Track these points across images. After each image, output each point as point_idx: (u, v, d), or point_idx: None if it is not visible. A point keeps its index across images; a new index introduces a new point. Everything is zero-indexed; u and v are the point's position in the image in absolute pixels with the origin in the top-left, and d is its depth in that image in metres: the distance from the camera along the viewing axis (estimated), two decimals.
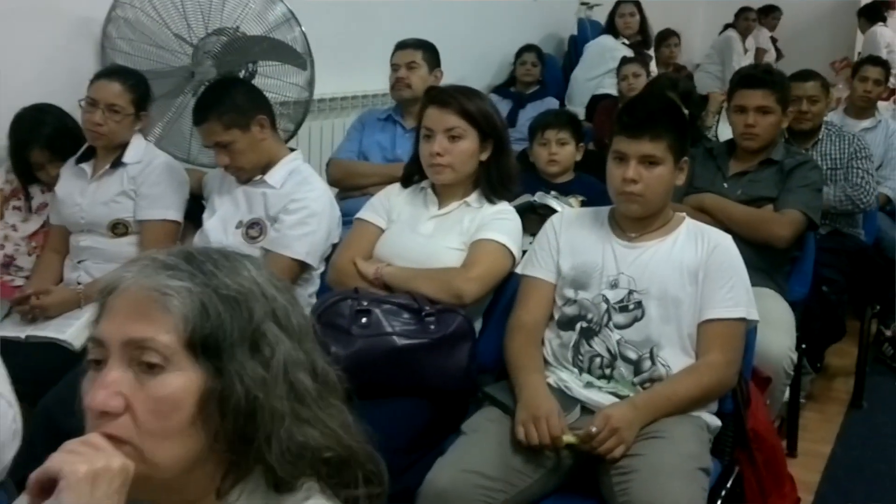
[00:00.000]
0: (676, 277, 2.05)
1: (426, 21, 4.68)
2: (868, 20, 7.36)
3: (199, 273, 0.95)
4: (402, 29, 3.63)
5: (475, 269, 2.19)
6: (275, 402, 0.93)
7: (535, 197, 3.03)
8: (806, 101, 3.64)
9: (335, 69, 3.82)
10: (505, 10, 5.61)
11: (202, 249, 1.00)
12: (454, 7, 5.04)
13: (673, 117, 2.11)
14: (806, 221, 2.87)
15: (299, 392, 0.96)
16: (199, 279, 0.94)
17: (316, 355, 1.01)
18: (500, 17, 5.55)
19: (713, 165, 3.08)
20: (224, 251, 1.01)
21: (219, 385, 0.92)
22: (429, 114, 2.31)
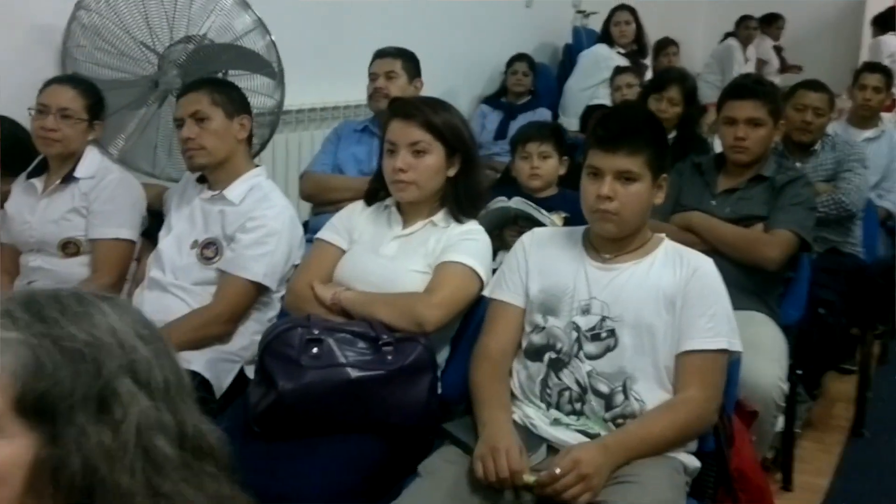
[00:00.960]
0: (652, 304, 1.89)
1: (411, 28, 4.55)
2: (880, 28, 7.18)
3: (38, 321, 0.80)
4: (384, 37, 3.49)
5: (438, 295, 2.04)
6: (120, 475, 0.79)
7: (511, 202, 2.88)
8: (811, 111, 3.50)
9: (312, 78, 3.70)
10: (497, 18, 5.48)
11: (51, 292, 0.85)
12: (443, 14, 4.91)
13: (651, 130, 1.95)
14: (798, 242, 2.71)
15: (157, 461, 0.82)
16: (37, 328, 0.80)
17: (187, 415, 0.86)
18: (491, 25, 5.42)
19: (701, 181, 2.93)
20: (79, 294, 0.86)
21: (53, 455, 0.77)
22: (392, 127, 2.17)
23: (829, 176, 3.48)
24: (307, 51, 3.77)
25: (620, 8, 5.63)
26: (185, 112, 2.36)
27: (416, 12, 4.67)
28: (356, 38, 3.99)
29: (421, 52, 4.66)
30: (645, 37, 5.72)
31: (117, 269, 2.45)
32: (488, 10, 5.36)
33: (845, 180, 3.39)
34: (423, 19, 4.73)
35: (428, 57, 4.75)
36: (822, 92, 3.58)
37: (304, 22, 3.77)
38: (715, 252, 2.72)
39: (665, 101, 3.81)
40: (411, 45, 4.49)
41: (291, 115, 3.70)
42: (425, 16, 4.75)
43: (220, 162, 2.37)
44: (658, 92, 3.84)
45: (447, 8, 4.93)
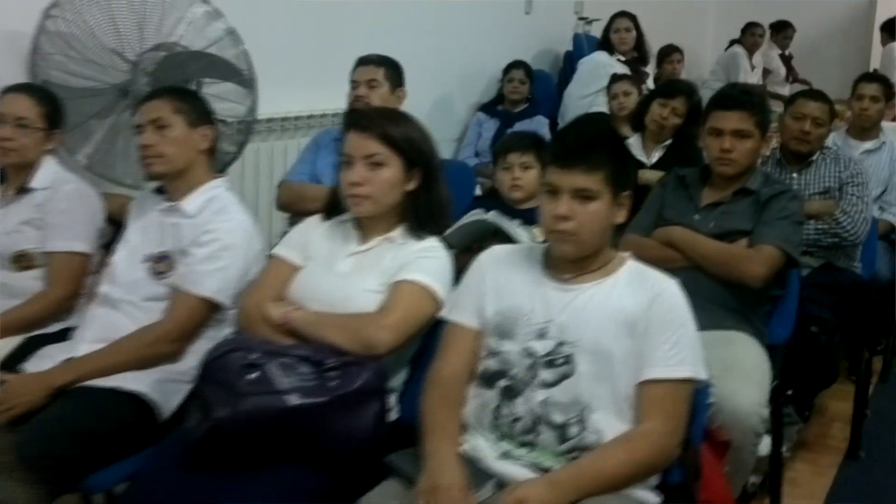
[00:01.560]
0: (611, 328, 1.79)
1: (406, 35, 4.48)
2: (890, 35, 7.02)
3: None
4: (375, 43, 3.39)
5: (391, 316, 1.94)
6: None
7: (488, 216, 2.79)
8: (810, 121, 3.38)
9: (292, 86, 3.62)
10: (495, 25, 5.38)
11: None
12: (439, 21, 4.82)
13: (612, 146, 1.85)
14: (784, 258, 2.60)
15: None
16: None
17: None
18: (489, 32, 5.32)
19: (685, 195, 2.82)
20: None
21: None
22: (348, 139, 2.07)
23: (825, 189, 3.35)
24: (288, 58, 3.69)
25: (620, 15, 5.52)
26: (145, 119, 2.28)
27: (412, 18, 4.58)
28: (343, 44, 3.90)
29: (416, 59, 4.58)
30: (646, 44, 5.60)
31: (72, 283, 2.38)
32: (486, 17, 5.26)
33: (847, 213, 3.25)
34: (419, 26, 4.65)
35: (424, 64, 4.69)
36: (822, 102, 3.47)
37: (286, 28, 3.70)
38: (697, 268, 2.64)
39: (669, 108, 3.74)
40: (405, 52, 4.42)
41: (269, 124, 3.62)
42: (421, 22, 4.67)
43: (179, 171, 2.29)
44: (665, 98, 3.77)
45: (443, 14, 4.85)
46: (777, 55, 7.67)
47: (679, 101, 3.71)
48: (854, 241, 3.25)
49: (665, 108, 3.72)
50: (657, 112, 3.73)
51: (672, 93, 3.75)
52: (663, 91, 3.81)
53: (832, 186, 3.35)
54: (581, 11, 6.29)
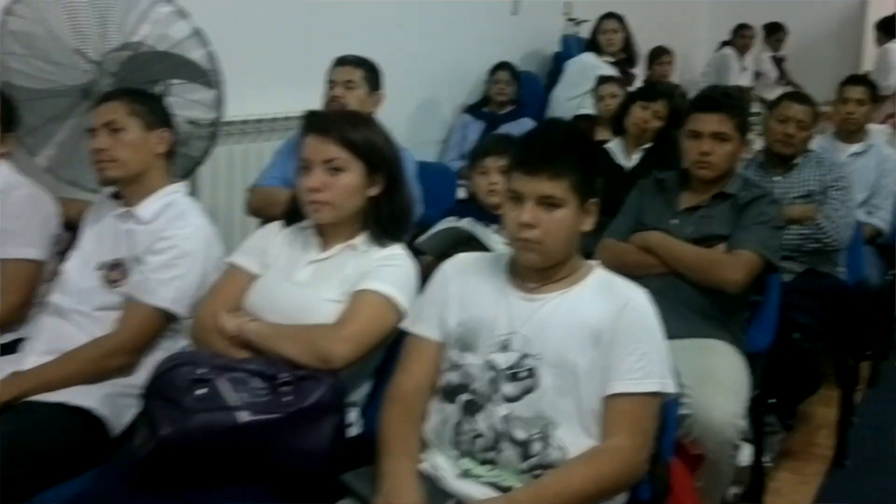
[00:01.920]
0: (576, 340, 1.71)
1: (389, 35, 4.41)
2: (885, 34, 6.84)
3: None
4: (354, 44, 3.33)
5: (349, 327, 1.86)
6: None
7: (462, 222, 2.71)
8: (794, 124, 3.31)
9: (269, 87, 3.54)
10: (481, 25, 5.30)
11: None
12: (424, 21, 4.75)
13: (578, 151, 1.77)
14: (762, 263, 2.53)
15: None
16: None
17: None
18: (475, 32, 5.24)
19: (663, 199, 2.75)
20: None
21: None
22: (306, 143, 2.00)
23: (808, 193, 3.28)
24: (264, 58, 3.62)
25: (608, 16, 5.45)
26: (98, 121, 2.21)
27: (396, 18, 4.51)
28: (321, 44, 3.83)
29: (401, 60, 4.53)
30: (634, 45, 5.53)
31: (23, 292, 2.28)
32: (472, 17, 5.18)
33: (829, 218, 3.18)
34: (403, 25, 4.58)
35: (408, 64, 4.63)
36: (807, 104, 3.40)
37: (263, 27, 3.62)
38: (675, 274, 2.57)
39: (651, 112, 3.67)
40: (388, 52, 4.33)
41: (242, 126, 3.54)
42: (405, 22, 4.60)
43: (134, 176, 2.21)
44: (645, 101, 3.70)
45: (428, 14, 4.78)
46: (768, 57, 7.60)
47: (660, 104, 3.65)
48: (837, 246, 3.18)
49: (646, 111, 3.66)
50: (638, 115, 3.67)
51: (653, 96, 3.68)
52: (644, 94, 3.74)
53: (815, 190, 3.28)
54: (570, 12, 6.22)
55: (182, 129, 2.87)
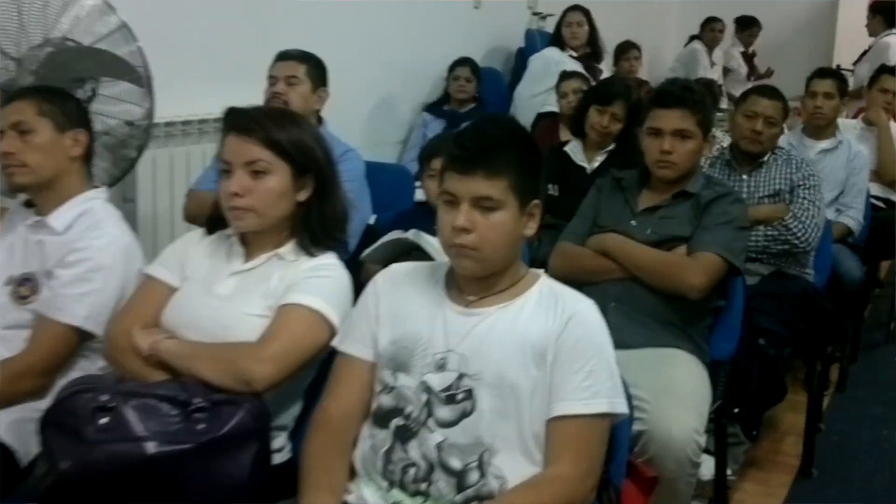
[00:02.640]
0: (518, 357, 1.57)
1: (343, 31, 4.27)
2: (885, 21, 6.16)
3: None
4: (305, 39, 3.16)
5: (272, 346, 1.71)
6: None
7: (407, 234, 2.56)
8: (762, 120, 3.18)
9: (215, 86, 3.35)
10: (442, 20, 5.15)
11: None
12: (381, 15, 4.59)
13: (518, 148, 1.62)
14: (725, 266, 2.40)
15: None
16: None
17: None
18: (436, 27, 5.09)
19: (621, 199, 2.61)
20: None
21: None
22: (227, 143, 1.84)
23: (776, 192, 3.16)
24: (208, 54, 3.45)
25: (573, 8, 5.31)
26: (5, 122, 2.03)
27: (351, 13, 4.35)
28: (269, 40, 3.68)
29: (357, 56, 4.39)
30: (599, 39, 5.39)
31: None
32: (433, 12, 5.03)
33: (797, 218, 3.05)
34: (359, 20, 4.42)
35: (365, 61, 4.48)
36: (776, 100, 3.27)
37: (206, 21, 3.44)
38: (633, 279, 2.44)
39: (608, 115, 3.50)
40: (343, 48, 4.22)
41: (184, 127, 3.37)
42: (362, 17, 4.44)
43: (46, 182, 2.04)
44: (601, 105, 3.53)
45: (386, 9, 4.62)
46: (739, 53, 7.49)
47: (617, 107, 3.48)
48: (805, 247, 3.06)
49: (603, 115, 3.49)
50: (596, 120, 3.50)
51: (608, 99, 3.50)
52: (599, 97, 3.56)
53: (783, 189, 3.15)
54: (534, 6, 6.09)
55: (119, 131, 2.73)
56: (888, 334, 4.40)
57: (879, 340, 4.38)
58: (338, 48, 4.17)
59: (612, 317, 2.37)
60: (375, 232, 2.93)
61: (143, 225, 3.27)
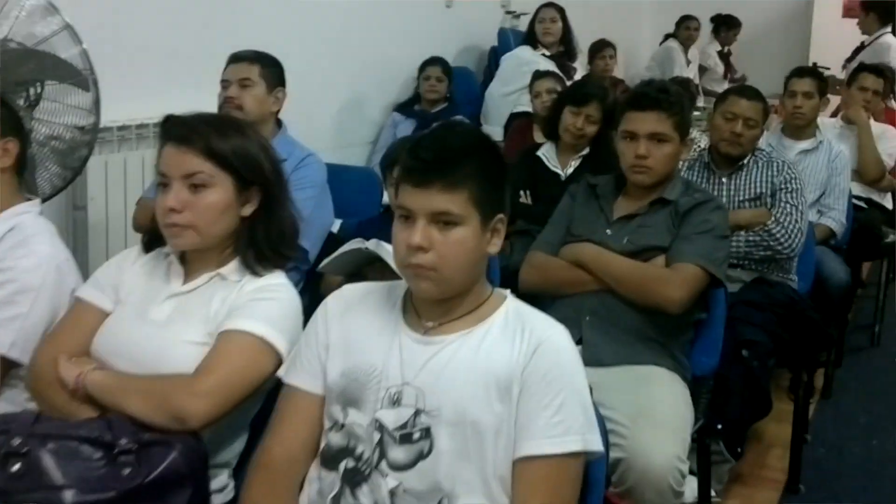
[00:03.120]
0: (480, 392, 1.42)
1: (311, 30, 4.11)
2: (880, 19, 5.84)
3: None
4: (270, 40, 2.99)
5: (209, 378, 1.55)
6: None
7: (368, 243, 2.40)
8: (742, 122, 3.05)
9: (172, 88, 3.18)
10: (413, 19, 4.99)
11: None
12: (351, 13, 4.43)
13: (479, 157, 1.47)
14: (705, 278, 2.26)
15: None
16: None
17: None
18: (407, 26, 4.93)
19: (596, 206, 2.47)
20: None
21: None
22: (164, 154, 1.68)
23: (757, 195, 3.03)
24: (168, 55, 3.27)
25: (547, 5, 5.16)
26: None
27: (319, 11, 4.19)
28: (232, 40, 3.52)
29: (326, 56, 4.23)
30: (573, 38, 5.25)
31: None
32: (403, 10, 4.87)
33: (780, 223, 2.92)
34: (328, 19, 4.27)
35: (334, 61, 4.32)
36: (756, 100, 3.14)
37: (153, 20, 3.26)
38: (610, 292, 2.30)
39: (583, 117, 3.35)
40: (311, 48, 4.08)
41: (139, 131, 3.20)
42: (330, 15, 4.28)
43: None
44: (576, 106, 3.37)
45: (356, 7, 4.46)
46: (715, 52, 7.37)
47: (592, 108, 3.32)
48: (788, 253, 2.93)
49: (578, 116, 3.33)
50: (570, 122, 3.35)
51: (583, 100, 3.35)
52: (573, 98, 3.40)
53: (764, 192, 3.02)
54: (508, 5, 5.96)
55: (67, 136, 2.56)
56: (873, 337, 4.30)
57: (864, 343, 4.27)
58: (304, 47, 4.03)
59: (587, 332, 2.28)
60: (338, 240, 2.77)
61: (95, 234, 3.10)
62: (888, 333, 4.34)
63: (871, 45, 5.85)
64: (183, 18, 3.41)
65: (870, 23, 5.87)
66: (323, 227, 2.77)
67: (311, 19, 4.12)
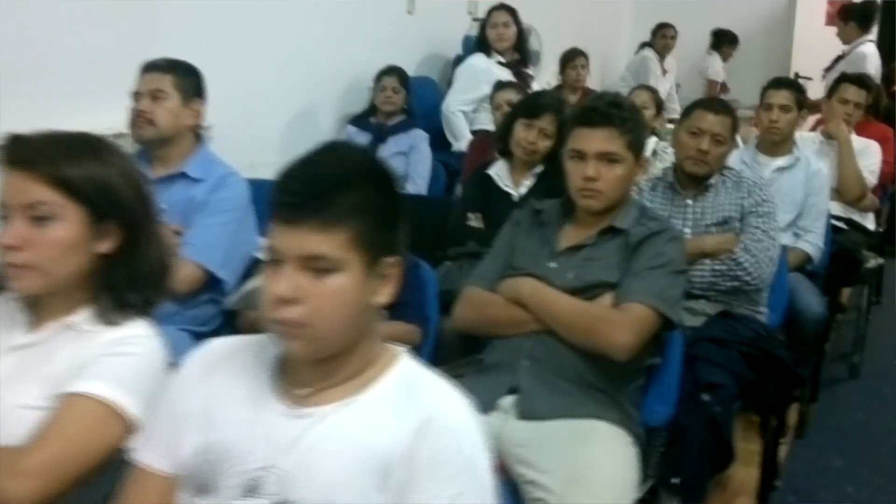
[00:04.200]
0: (356, 478, 1.16)
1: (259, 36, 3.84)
2: (860, 28, 5.65)
3: None
4: (207, 46, 2.70)
5: (38, 454, 1.28)
6: None
7: None
8: (709, 138, 2.80)
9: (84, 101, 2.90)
10: (372, 24, 4.73)
11: None
12: (304, 20, 4.16)
13: (363, 188, 1.21)
14: (657, 320, 2.01)
15: None
16: None
17: None
18: (365, 33, 4.67)
19: (539, 235, 2.22)
20: None
21: None
22: (5, 182, 1.42)
23: (724, 219, 2.78)
24: (81, 64, 2.99)
25: (498, 8, 4.83)
26: None
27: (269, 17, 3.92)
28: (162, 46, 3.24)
29: (277, 64, 3.96)
30: (527, 42, 4.97)
31: None
32: (360, 15, 4.60)
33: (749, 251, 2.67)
34: (278, 25, 3.99)
35: (286, 70, 4.05)
36: (724, 115, 2.88)
37: (62, 24, 2.97)
38: (551, 333, 2.05)
39: (536, 130, 3.06)
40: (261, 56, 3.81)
41: None
42: (281, 22, 4.01)
43: None
44: (529, 118, 3.09)
45: (309, 13, 4.20)
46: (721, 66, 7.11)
47: (546, 120, 3.03)
48: (757, 284, 2.68)
49: (531, 129, 3.05)
50: (522, 136, 3.06)
51: (535, 111, 3.06)
52: (526, 110, 3.12)
53: (732, 216, 2.77)
54: (475, 11, 5.68)
55: None
56: (851, 368, 4.05)
57: (842, 375, 4.02)
58: (249, 54, 3.77)
59: (523, 380, 2.02)
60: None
61: None
62: (868, 364, 4.11)
63: (849, 54, 5.62)
64: (108, 20, 3.12)
65: (849, 31, 5.65)
66: (244, 255, 2.51)
67: (258, 24, 3.86)
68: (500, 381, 2.01)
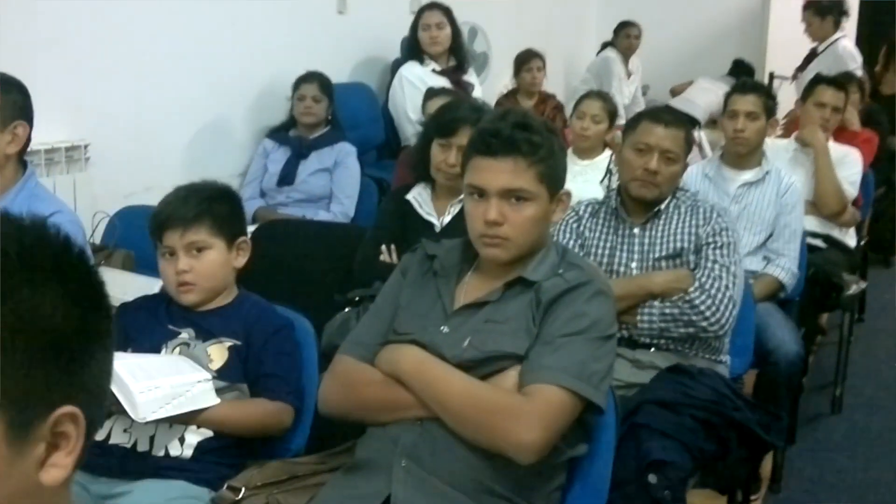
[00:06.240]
0: None
1: (161, 39, 3.38)
2: (835, 23, 5.25)
3: None
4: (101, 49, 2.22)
5: None
6: None
7: None
8: (658, 155, 2.34)
9: None
10: (298, 27, 4.24)
11: None
12: (216, 22, 3.69)
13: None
14: (576, 405, 1.54)
15: None
16: None
17: None
18: (289, 36, 4.18)
19: (432, 289, 1.73)
20: None
21: None
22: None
23: (677, 251, 2.32)
24: None
25: (430, 6, 4.32)
26: None
27: (176, 17, 3.45)
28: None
29: (188, 72, 3.49)
30: (464, 45, 4.47)
31: None
32: (284, 18, 4.12)
33: (705, 290, 2.22)
34: (186, 28, 3.52)
35: (190, 77, 3.56)
36: (675, 128, 2.41)
37: None
38: (438, 422, 1.57)
39: (454, 150, 2.54)
40: (166, 61, 3.37)
41: None
42: (190, 24, 3.54)
43: None
44: (444, 138, 2.58)
45: (223, 14, 3.72)
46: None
47: (463, 137, 2.48)
48: (716, 331, 2.22)
49: (448, 150, 2.53)
50: (440, 158, 2.55)
51: (450, 128, 2.53)
52: (439, 128, 2.60)
53: (686, 248, 2.31)
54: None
55: None
56: (833, 401, 3.58)
57: (823, 409, 3.56)
58: (152, 60, 3.31)
59: (400, 486, 1.54)
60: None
61: None
62: (851, 393, 3.65)
63: (826, 51, 5.17)
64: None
65: (826, 27, 5.20)
66: None
67: (154, 24, 3.38)
68: (370, 488, 1.54)
